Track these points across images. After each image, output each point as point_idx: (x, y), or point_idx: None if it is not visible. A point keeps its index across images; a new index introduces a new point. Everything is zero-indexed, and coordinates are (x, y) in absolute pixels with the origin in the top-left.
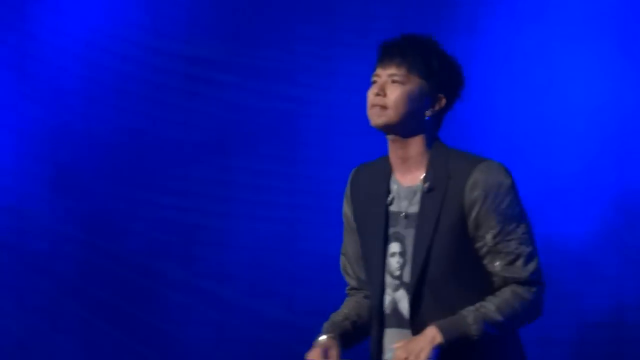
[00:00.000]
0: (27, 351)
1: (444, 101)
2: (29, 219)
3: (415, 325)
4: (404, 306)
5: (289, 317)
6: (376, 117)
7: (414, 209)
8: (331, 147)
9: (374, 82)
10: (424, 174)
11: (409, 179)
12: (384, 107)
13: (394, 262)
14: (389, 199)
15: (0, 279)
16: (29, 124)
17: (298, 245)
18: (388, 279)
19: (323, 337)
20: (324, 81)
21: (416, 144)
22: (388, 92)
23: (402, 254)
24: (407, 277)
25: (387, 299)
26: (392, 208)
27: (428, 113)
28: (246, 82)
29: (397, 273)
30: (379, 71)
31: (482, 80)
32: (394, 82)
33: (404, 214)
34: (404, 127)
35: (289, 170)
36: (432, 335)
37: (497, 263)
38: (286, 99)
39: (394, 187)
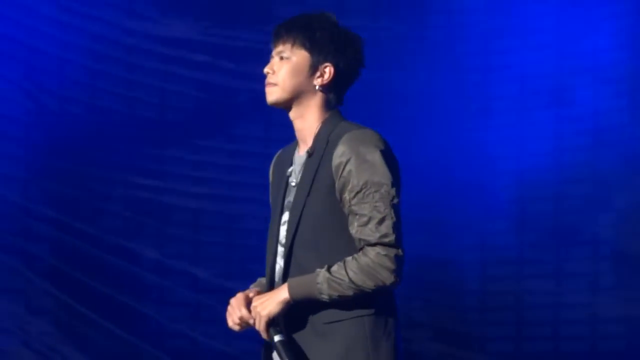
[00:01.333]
0: (3, 333)
1: (332, 70)
2: (2, 199)
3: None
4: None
5: None
6: (268, 95)
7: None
8: None
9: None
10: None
11: (304, 149)
12: (273, 84)
13: (283, 231)
14: (289, 170)
15: None
16: (1, 106)
17: None
18: (279, 248)
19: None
20: None
21: (311, 115)
22: (276, 68)
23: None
24: None
25: (277, 267)
26: (291, 179)
27: (317, 83)
28: (220, 62)
29: (284, 241)
30: (272, 52)
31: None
32: (281, 59)
33: (294, 183)
34: (296, 101)
35: (263, 151)
36: (281, 290)
37: (354, 224)
38: (260, 79)
39: (295, 159)
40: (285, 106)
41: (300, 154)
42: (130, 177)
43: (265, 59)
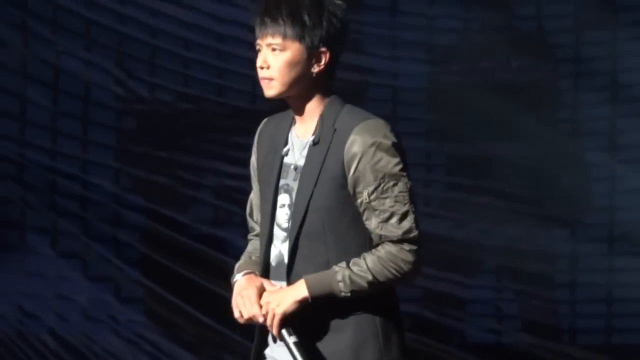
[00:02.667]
0: (93, 321)
1: (328, 54)
2: (93, 187)
3: (291, 277)
4: (287, 260)
5: None
6: (266, 90)
7: (302, 161)
8: (398, 118)
9: (258, 51)
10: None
11: (303, 132)
12: (270, 79)
13: (282, 214)
14: (285, 150)
15: (65, 248)
16: (94, 93)
17: None
18: (277, 231)
19: (240, 277)
20: (390, 51)
21: (311, 100)
22: (270, 62)
23: (290, 206)
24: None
25: (274, 251)
26: (287, 160)
27: (315, 70)
28: None
29: (285, 225)
30: (258, 41)
31: None
32: (273, 50)
33: (293, 165)
34: (295, 91)
35: None
36: (299, 288)
37: (373, 220)
38: (352, 69)
39: (291, 139)
40: (284, 96)
41: (300, 137)
42: (220, 165)
43: (357, 48)
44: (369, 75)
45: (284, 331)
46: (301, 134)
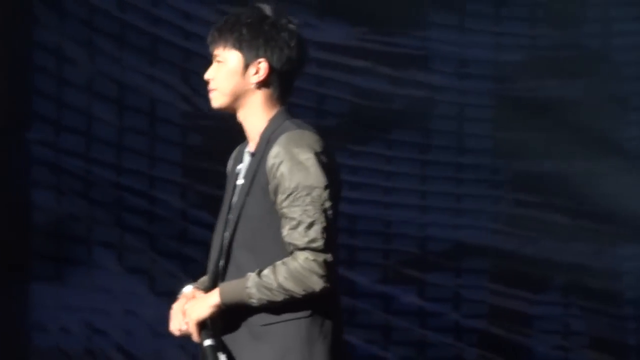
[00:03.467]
0: (160, 337)
1: (266, 65)
2: (159, 203)
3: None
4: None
5: None
6: (211, 101)
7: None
8: (464, 134)
9: None
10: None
11: (253, 148)
12: (213, 90)
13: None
14: (238, 168)
15: (132, 263)
16: (160, 109)
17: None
18: (224, 244)
19: (188, 288)
20: (457, 68)
21: (256, 115)
22: (213, 74)
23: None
24: None
25: (221, 263)
26: (239, 180)
27: (254, 81)
28: (377, 68)
29: (225, 241)
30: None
31: None
32: (218, 62)
33: (240, 182)
34: (238, 103)
35: (420, 157)
36: (213, 295)
37: (285, 228)
38: (417, 86)
39: (245, 157)
40: (230, 109)
41: (248, 154)
42: None
43: (423, 65)
44: (435, 92)
45: (203, 334)
46: (251, 151)
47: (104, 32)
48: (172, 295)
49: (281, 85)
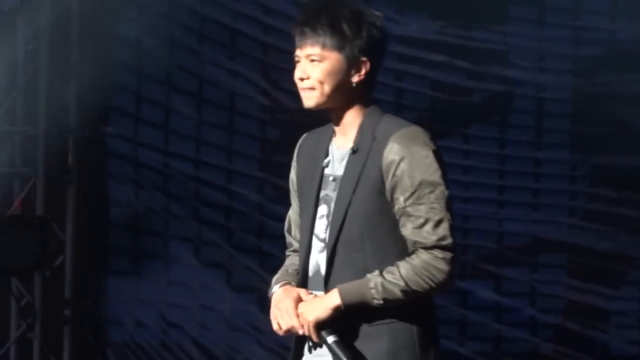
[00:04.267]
0: (237, 331)
1: (368, 64)
2: (237, 197)
3: (329, 286)
4: (325, 268)
5: None
6: (306, 101)
7: (342, 171)
8: (542, 129)
9: (297, 62)
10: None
11: (343, 143)
12: (311, 89)
13: (321, 225)
14: (325, 162)
15: (209, 258)
16: (239, 103)
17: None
18: (315, 242)
19: (277, 288)
20: (536, 62)
21: (351, 110)
22: (309, 73)
23: (328, 215)
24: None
25: (312, 261)
26: (327, 171)
27: (355, 80)
28: (455, 62)
29: (323, 235)
30: (297, 52)
31: None
32: (312, 61)
33: (332, 177)
34: (336, 101)
35: (498, 151)
36: (332, 296)
37: (408, 226)
38: (496, 80)
39: (332, 151)
40: (324, 107)
41: (340, 148)
42: None
43: (502, 59)
44: (514, 87)
45: (323, 333)
46: (341, 145)
47: (184, 26)
48: (248, 290)
49: (373, 79)
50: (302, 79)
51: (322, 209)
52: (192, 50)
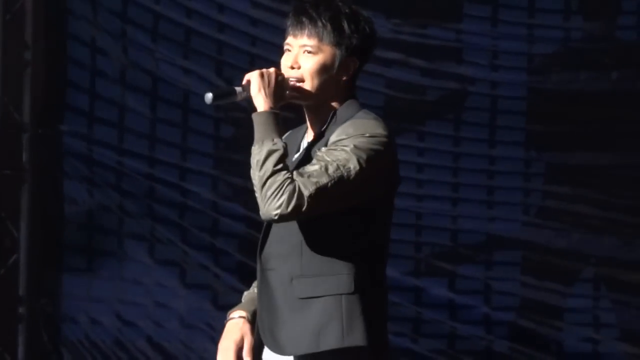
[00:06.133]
0: (191, 329)
1: (356, 63)
2: (191, 195)
3: (263, 255)
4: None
5: None
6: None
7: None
8: (496, 126)
9: (287, 50)
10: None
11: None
12: (299, 80)
13: None
14: (296, 157)
15: (163, 255)
16: (193, 101)
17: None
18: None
19: (234, 315)
20: (490, 60)
21: (330, 107)
22: (301, 63)
23: None
24: None
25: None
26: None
27: (343, 78)
28: (410, 60)
29: None
30: (290, 40)
31: None
32: (306, 52)
33: None
34: (320, 96)
35: (453, 149)
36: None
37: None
38: (451, 77)
39: (303, 146)
40: (304, 102)
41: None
42: None
43: (457, 57)
44: (468, 84)
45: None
46: (311, 139)
47: (138, 24)
48: (202, 288)
49: (355, 81)
50: (292, 67)
51: None
52: (146, 49)
